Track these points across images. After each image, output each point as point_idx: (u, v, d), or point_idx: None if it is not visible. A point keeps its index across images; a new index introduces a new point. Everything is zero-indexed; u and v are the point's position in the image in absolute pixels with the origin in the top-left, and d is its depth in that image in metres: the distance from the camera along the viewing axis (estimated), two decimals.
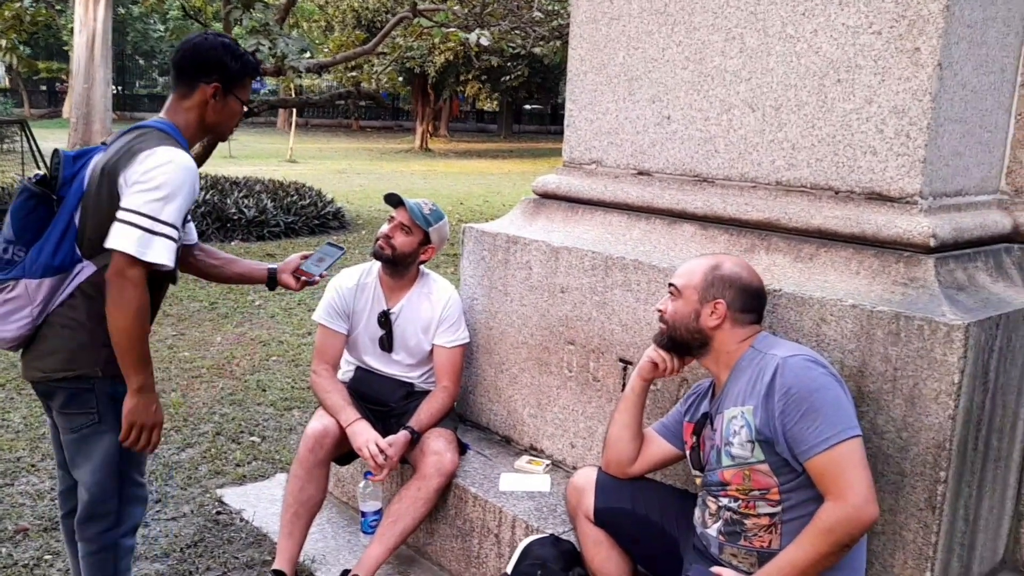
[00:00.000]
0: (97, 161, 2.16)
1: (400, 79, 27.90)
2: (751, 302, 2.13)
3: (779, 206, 2.49)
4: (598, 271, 2.78)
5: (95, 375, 2.16)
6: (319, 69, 12.40)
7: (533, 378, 3.06)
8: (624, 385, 2.68)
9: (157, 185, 2.01)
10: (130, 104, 39.87)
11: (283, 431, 4.30)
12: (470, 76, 30.05)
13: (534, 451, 3.09)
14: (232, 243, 9.40)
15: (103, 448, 2.20)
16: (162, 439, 3.98)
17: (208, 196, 10.07)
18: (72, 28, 12.78)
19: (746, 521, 2.03)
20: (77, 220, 2.12)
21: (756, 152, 2.57)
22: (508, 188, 17.66)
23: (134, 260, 2.00)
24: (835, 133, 2.38)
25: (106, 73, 12.11)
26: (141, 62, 42.74)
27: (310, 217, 10.56)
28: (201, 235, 2.39)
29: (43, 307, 2.13)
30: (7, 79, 36.63)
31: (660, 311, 2.21)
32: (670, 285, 2.20)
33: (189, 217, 2.31)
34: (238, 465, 3.87)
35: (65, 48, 29.81)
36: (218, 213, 9.75)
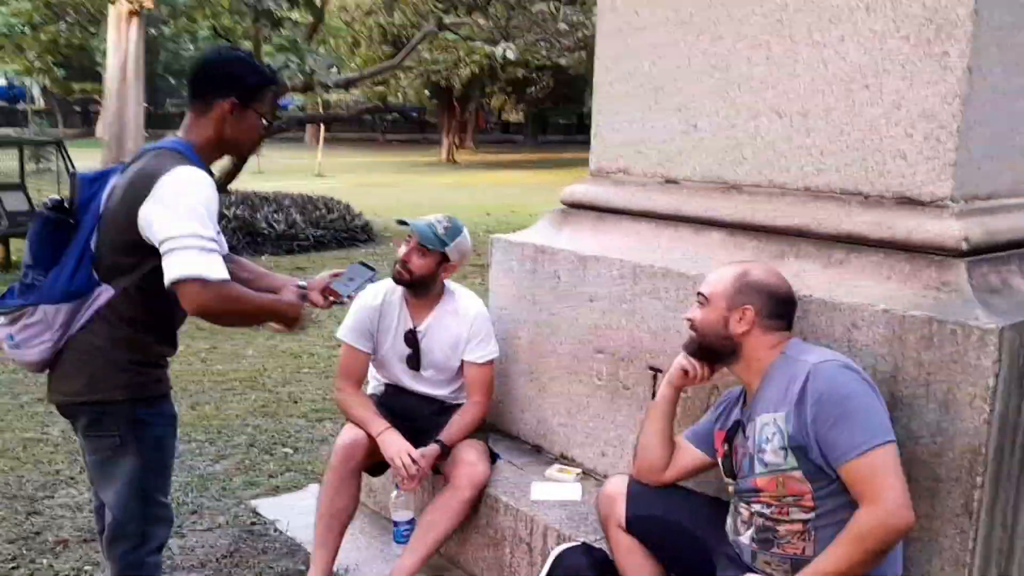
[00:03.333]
0: (115, 185, 2.13)
1: (426, 92, 28.10)
2: (780, 308, 2.12)
3: (808, 212, 2.48)
4: (626, 279, 2.79)
5: (116, 399, 2.15)
6: (347, 84, 12.56)
7: (563, 387, 3.06)
8: (654, 393, 2.68)
9: (187, 207, 1.99)
10: (162, 123, 40.47)
11: (315, 442, 4.34)
12: (495, 88, 30.24)
13: (565, 460, 3.09)
14: (262, 257, 9.50)
15: (126, 470, 2.19)
16: (197, 451, 4.09)
17: (238, 211, 10.21)
18: (105, 50, 13.03)
19: (779, 527, 2.02)
20: (93, 244, 2.09)
21: (784, 158, 2.56)
22: (534, 198, 17.63)
23: (205, 282, 1.96)
24: (863, 138, 2.37)
25: (138, 93, 12.33)
26: (172, 81, 43.28)
27: (339, 230, 10.68)
28: (232, 249, 2.37)
29: (63, 332, 2.11)
30: (43, 100, 37.36)
31: (689, 320, 2.22)
32: (698, 294, 2.20)
33: (219, 228, 2.33)
34: (271, 476, 3.91)
35: (98, 69, 30.36)
36: (248, 228, 9.90)
